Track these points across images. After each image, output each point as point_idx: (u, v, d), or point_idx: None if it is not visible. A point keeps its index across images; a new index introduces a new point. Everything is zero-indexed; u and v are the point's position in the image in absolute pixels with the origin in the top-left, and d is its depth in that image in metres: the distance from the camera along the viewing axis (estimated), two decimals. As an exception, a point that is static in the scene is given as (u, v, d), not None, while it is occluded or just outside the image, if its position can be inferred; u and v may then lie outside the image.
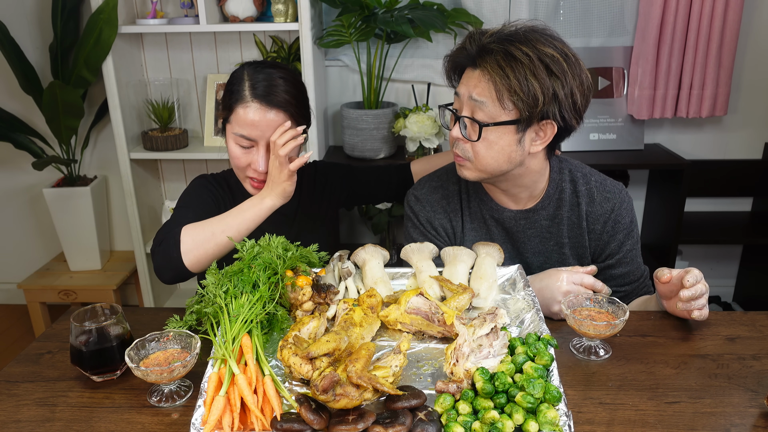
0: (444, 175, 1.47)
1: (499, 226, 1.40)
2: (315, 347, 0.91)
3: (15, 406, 0.98)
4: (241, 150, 1.40)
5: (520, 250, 1.41)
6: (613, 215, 1.35)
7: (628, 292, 1.39)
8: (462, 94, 1.24)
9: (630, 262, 1.38)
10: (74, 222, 2.62)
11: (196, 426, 0.86)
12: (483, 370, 0.91)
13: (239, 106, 1.36)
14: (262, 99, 1.36)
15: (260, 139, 1.37)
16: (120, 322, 1.06)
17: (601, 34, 2.54)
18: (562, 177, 1.38)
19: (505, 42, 1.16)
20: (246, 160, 1.41)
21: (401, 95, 2.62)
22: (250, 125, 1.36)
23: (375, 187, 1.72)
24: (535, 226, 1.38)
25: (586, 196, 1.36)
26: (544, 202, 1.37)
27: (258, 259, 1.12)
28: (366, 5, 2.19)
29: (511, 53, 1.15)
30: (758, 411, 0.94)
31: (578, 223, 1.37)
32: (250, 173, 1.43)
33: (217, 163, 2.75)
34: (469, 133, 1.24)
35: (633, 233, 1.38)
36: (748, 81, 2.58)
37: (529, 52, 1.14)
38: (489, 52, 1.17)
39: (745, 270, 2.87)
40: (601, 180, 1.39)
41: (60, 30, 2.41)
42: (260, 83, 1.37)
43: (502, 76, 1.15)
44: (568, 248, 1.39)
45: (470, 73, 1.23)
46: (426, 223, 1.44)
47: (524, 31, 1.18)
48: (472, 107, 1.22)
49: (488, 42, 1.18)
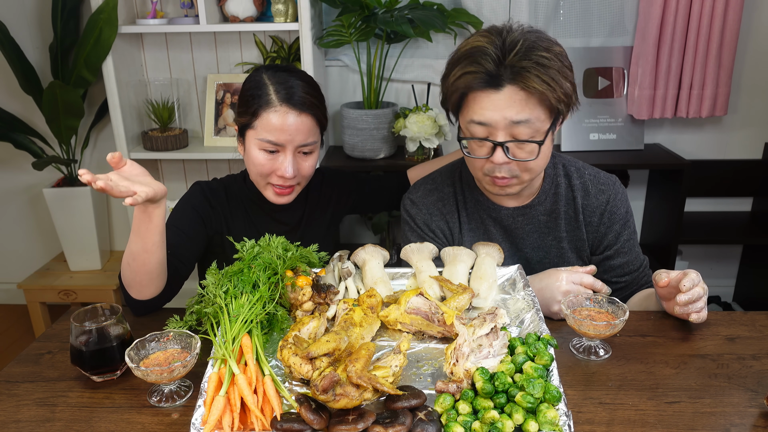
0: (439, 177, 1.47)
1: (497, 225, 1.41)
2: (315, 347, 0.91)
3: (15, 406, 0.98)
4: (266, 156, 1.37)
5: (519, 246, 1.42)
6: (609, 206, 1.37)
7: (629, 282, 1.40)
8: (493, 121, 1.17)
9: (628, 252, 1.39)
10: (74, 222, 2.62)
11: (196, 426, 0.86)
12: (483, 370, 0.91)
13: (266, 111, 1.34)
14: (289, 103, 1.34)
15: (288, 143, 1.35)
16: (120, 322, 1.06)
17: (601, 34, 2.54)
18: (556, 172, 1.39)
19: (531, 54, 1.15)
20: (270, 167, 1.38)
21: (401, 95, 2.62)
22: (279, 130, 1.34)
23: (378, 197, 1.73)
24: (532, 222, 1.39)
25: (581, 190, 1.38)
26: (540, 197, 1.38)
27: (258, 260, 1.12)
28: (366, 5, 2.19)
29: (542, 63, 1.14)
30: (758, 411, 0.94)
31: (575, 216, 1.38)
32: (275, 180, 1.40)
33: (217, 163, 2.75)
34: (523, 155, 1.21)
35: (629, 223, 1.39)
36: (748, 81, 2.59)
37: (551, 56, 1.16)
38: (523, 70, 1.14)
39: (745, 270, 2.87)
40: (595, 173, 1.41)
41: (60, 30, 2.41)
42: (284, 87, 1.35)
43: (547, 88, 1.14)
44: (566, 242, 1.40)
45: (493, 96, 1.17)
46: (423, 225, 1.44)
47: (530, 38, 1.17)
48: (511, 129, 1.18)
49: (516, 60, 1.14)
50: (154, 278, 1.21)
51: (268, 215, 1.52)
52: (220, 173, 2.77)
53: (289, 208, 1.53)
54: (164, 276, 1.24)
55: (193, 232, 1.42)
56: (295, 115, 1.34)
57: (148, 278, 1.20)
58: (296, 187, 1.44)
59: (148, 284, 1.21)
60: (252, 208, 1.52)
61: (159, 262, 1.19)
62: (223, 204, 1.50)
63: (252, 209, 1.52)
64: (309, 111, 1.36)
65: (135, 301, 1.24)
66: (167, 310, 1.28)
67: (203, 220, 1.45)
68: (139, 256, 1.16)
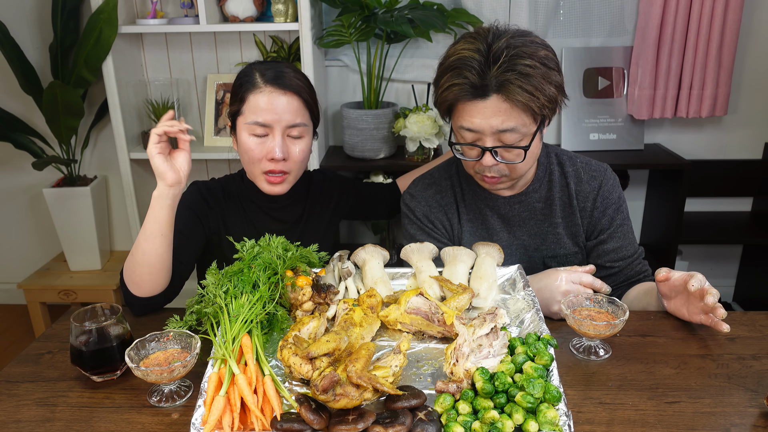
0: (436, 172, 1.52)
1: (495, 214, 1.44)
2: (315, 347, 0.91)
3: (15, 406, 0.98)
4: (256, 141, 1.38)
5: (516, 234, 1.45)
6: (601, 191, 1.41)
7: (622, 267, 1.41)
8: (480, 128, 1.22)
9: (621, 237, 1.41)
10: (74, 222, 2.62)
11: (196, 426, 0.86)
12: (483, 370, 0.91)
13: (252, 93, 1.36)
14: (274, 83, 1.36)
15: (275, 123, 1.36)
16: (120, 322, 1.06)
17: (601, 34, 2.54)
18: (549, 160, 1.44)
19: (513, 64, 1.17)
20: (261, 152, 1.38)
21: (401, 95, 2.62)
22: (265, 110, 1.35)
23: (373, 201, 1.75)
24: (529, 209, 1.43)
25: (573, 177, 1.42)
26: (535, 185, 1.42)
27: (258, 259, 1.12)
28: (366, 5, 2.19)
29: (525, 72, 1.17)
30: (758, 411, 0.94)
31: (569, 202, 1.42)
32: (267, 166, 1.39)
33: (217, 163, 2.76)
34: (511, 157, 1.26)
35: (622, 208, 1.42)
36: (748, 81, 2.58)
37: (534, 63, 1.18)
38: (506, 82, 1.17)
39: (745, 270, 2.87)
40: (586, 161, 1.45)
41: (60, 30, 2.41)
42: (271, 71, 1.38)
43: (530, 98, 1.17)
44: (562, 228, 1.43)
45: (479, 104, 1.21)
46: (423, 218, 1.47)
47: (513, 45, 1.18)
48: (498, 136, 1.23)
49: (500, 73, 1.17)
50: (155, 273, 1.23)
51: (266, 213, 1.52)
52: (220, 173, 2.77)
53: (287, 206, 1.53)
54: (165, 275, 1.25)
55: (191, 232, 1.42)
56: (280, 93, 1.36)
57: (153, 272, 1.22)
58: (288, 176, 1.43)
59: (148, 279, 1.23)
60: (250, 207, 1.52)
61: (159, 255, 1.22)
62: (220, 203, 1.50)
63: (250, 207, 1.52)
64: (296, 92, 1.38)
65: (134, 299, 1.25)
66: (167, 310, 1.28)
67: (200, 221, 1.46)
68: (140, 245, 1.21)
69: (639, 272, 1.42)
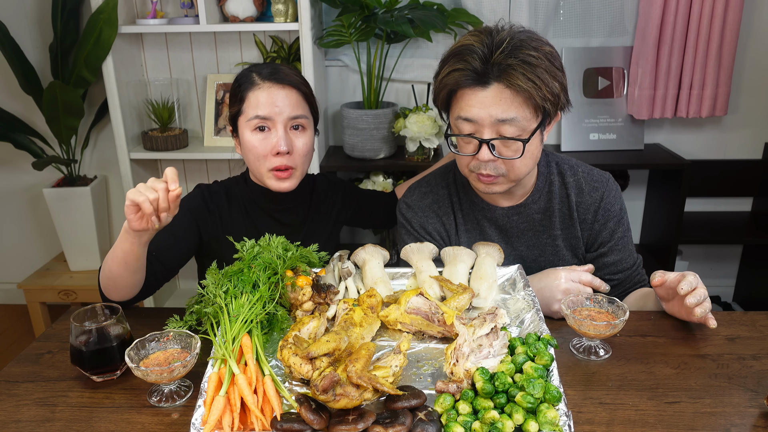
0: (433, 180, 1.48)
1: (492, 225, 1.41)
2: (315, 347, 0.91)
3: (15, 406, 0.98)
4: (259, 137, 1.38)
5: (514, 245, 1.42)
6: (603, 204, 1.37)
7: (621, 280, 1.40)
8: (479, 118, 1.19)
9: (622, 250, 1.39)
10: (74, 222, 2.62)
11: (196, 426, 0.86)
12: (483, 370, 0.91)
13: (251, 91, 1.38)
14: (272, 78, 1.39)
15: (277, 116, 1.37)
16: (120, 322, 1.06)
17: (601, 34, 2.54)
18: (550, 170, 1.40)
19: (517, 52, 1.15)
20: (265, 148, 1.38)
21: (401, 95, 2.62)
22: (266, 104, 1.37)
23: (372, 212, 1.75)
24: (527, 220, 1.40)
25: (574, 188, 1.38)
26: (534, 196, 1.38)
27: (258, 259, 1.12)
28: (366, 5, 2.19)
29: (528, 61, 1.15)
30: (758, 411, 0.94)
31: (569, 214, 1.38)
32: (272, 162, 1.39)
33: (217, 163, 2.75)
34: (509, 153, 1.22)
35: (623, 220, 1.39)
36: (748, 81, 2.58)
37: (539, 55, 1.16)
38: (509, 67, 1.15)
39: (745, 270, 2.87)
40: (588, 170, 1.41)
41: (60, 30, 2.41)
42: (266, 69, 1.41)
43: (532, 86, 1.15)
44: (561, 240, 1.40)
45: (480, 93, 1.18)
46: (420, 228, 1.44)
47: (519, 37, 1.18)
48: (497, 127, 1.19)
49: (503, 58, 1.15)
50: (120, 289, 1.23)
51: (269, 215, 1.52)
52: (220, 173, 2.77)
53: (291, 208, 1.53)
54: (130, 291, 1.25)
55: (184, 234, 1.42)
56: (279, 88, 1.38)
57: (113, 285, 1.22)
58: (294, 171, 1.42)
59: (114, 291, 1.24)
60: (253, 209, 1.51)
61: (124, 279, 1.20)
62: (222, 207, 1.50)
63: (253, 210, 1.51)
64: (293, 85, 1.40)
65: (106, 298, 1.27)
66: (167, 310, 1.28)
67: (198, 224, 1.46)
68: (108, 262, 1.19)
69: (637, 282, 1.41)
